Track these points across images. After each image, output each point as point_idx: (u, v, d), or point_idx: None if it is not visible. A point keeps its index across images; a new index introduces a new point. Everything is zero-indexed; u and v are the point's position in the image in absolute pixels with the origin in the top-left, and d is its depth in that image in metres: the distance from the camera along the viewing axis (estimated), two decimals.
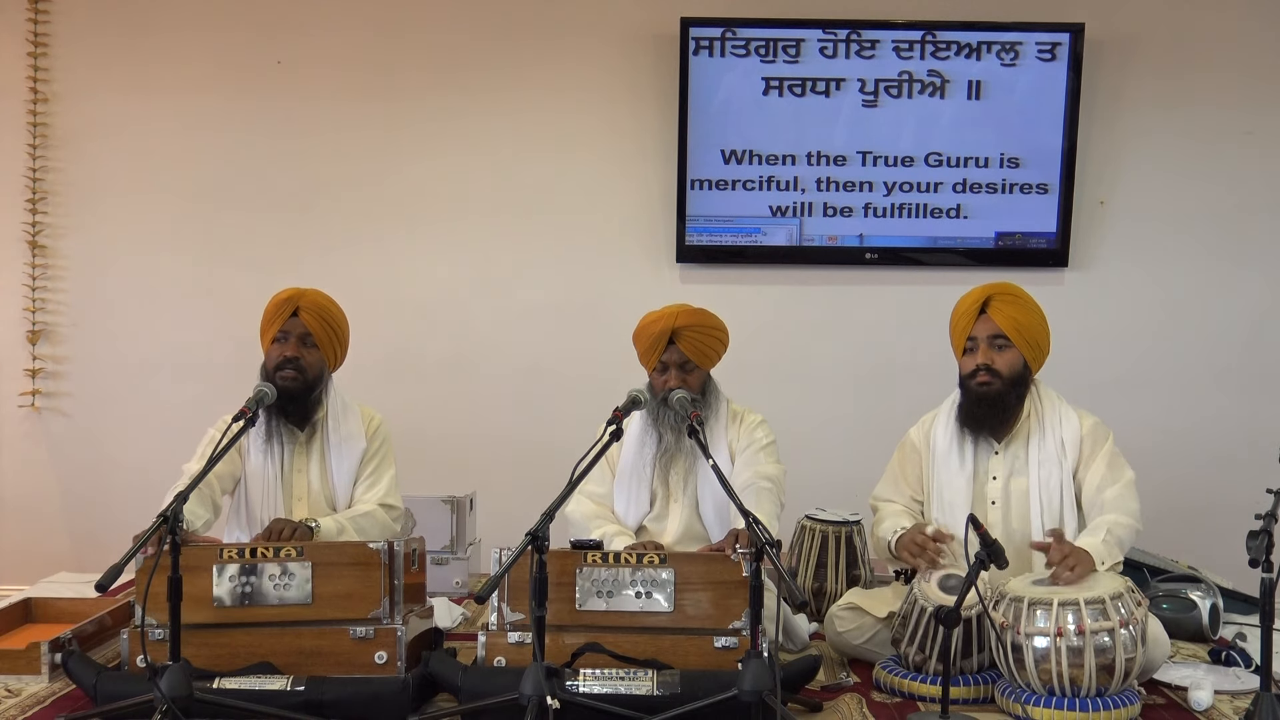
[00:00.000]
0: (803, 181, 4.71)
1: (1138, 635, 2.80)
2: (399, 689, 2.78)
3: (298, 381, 3.39)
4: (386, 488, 3.55)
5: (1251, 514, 2.61)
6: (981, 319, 3.27)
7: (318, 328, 3.42)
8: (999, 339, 3.24)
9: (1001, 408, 3.26)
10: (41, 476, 4.88)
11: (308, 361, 3.42)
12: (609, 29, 4.74)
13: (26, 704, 2.88)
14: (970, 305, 3.29)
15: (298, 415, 3.45)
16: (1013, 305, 3.26)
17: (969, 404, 3.30)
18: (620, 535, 3.39)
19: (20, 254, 4.81)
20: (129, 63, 4.77)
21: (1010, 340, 3.24)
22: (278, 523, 3.25)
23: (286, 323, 3.41)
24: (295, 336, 3.41)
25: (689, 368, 3.39)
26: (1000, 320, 3.24)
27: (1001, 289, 3.29)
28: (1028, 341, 3.25)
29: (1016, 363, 3.26)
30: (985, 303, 3.26)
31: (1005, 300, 3.26)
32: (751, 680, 2.50)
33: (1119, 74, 4.71)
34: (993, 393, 3.24)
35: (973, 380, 3.26)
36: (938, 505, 3.34)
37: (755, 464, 3.43)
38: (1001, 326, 3.24)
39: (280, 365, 3.38)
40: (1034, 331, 3.27)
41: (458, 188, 4.81)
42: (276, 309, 3.43)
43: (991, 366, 3.23)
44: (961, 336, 3.31)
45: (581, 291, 4.82)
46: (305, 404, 3.44)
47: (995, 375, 3.24)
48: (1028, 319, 3.26)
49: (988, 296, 3.27)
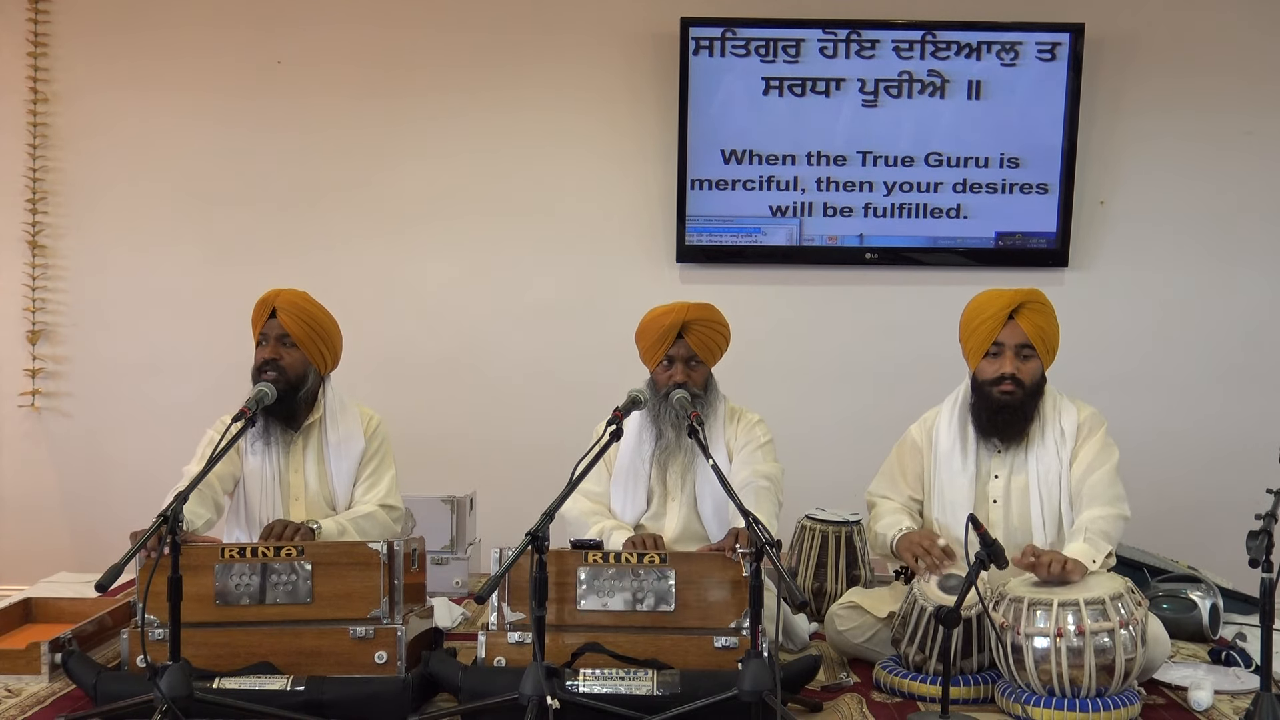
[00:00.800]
0: (803, 181, 4.71)
1: (1138, 635, 2.81)
2: (399, 689, 2.78)
3: (279, 383, 3.36)
4: (387, 488, 3.54)
5: (1251, 514, 2.61)
6: (1010, 325, 3.21)
7: (295, 327, 3.39)
8: (1026, 348, 3.21)
9: (1021, 417, 3.25)
10: (41, 476, 4.88)
11: (287, 362, 3.39)
12: (609, 29, 4.74)
13: (26, 704, 2.88)
14: (998, 311, 3.22)
15: (284, 415, 3.43)
16: (1040, 314, 3.23)
17: (988, 411, 3.26)
18: (618, 530, 3.38)
19: (20, 254, 4.81)
20: (129, 62, 4.77)
21: (1035, 351, 3.22)
22: (278, 524, 3.23)
23: (265, 324, 3.41)
24: (274, 338, 3.40)
25: (695, 363, 3.39)
26: (1029, 329, 3.20)
27: (1031, 297, 3.24)
28: (1049, 350, 3.25)
29: (1038, 372, 3.25)
30: (1015, 310, 3.21)
31: (1034, 309, 3.22)
32: (751, 680, 2.51)
33: (1119, 74, 4.71)
34: (1015, 402, 3.23)
35: (995, 388, 3.23)
36: (939, 504, 3.33)
37: (753, 463, 3.43)
38: (1030, 336, 3.20)
39: (261, 367, 3.38)
40: (1054, 340, 3.27)
41: (458, 187, 4.81)
42: (256, 312, 3.45)
43: (1017, 376, 3.21)
44: (984, 340, 3.24)
45: (581, 291, 4.82)
46: (291, 404, 3.41)
47: (1019, 385, 3.21)
48: (1051, 328, 3.25)
49: (1019, 304, 3.21)
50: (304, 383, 3.44)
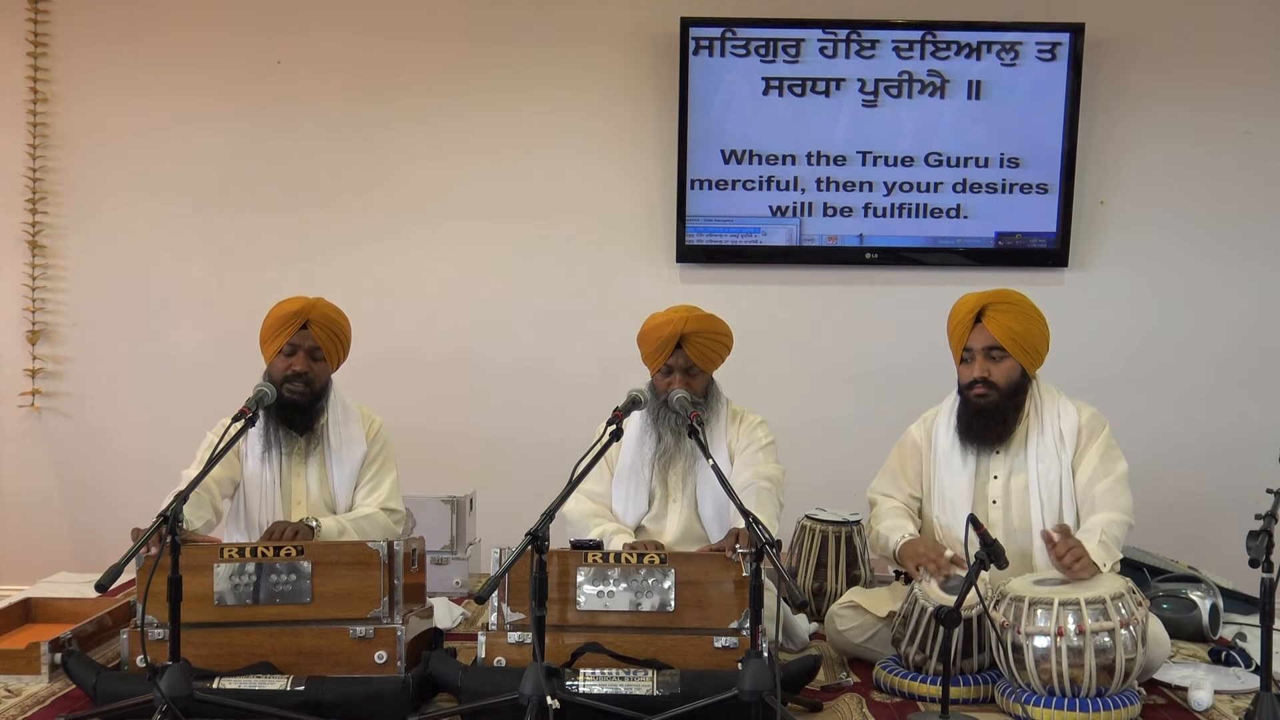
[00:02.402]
0: (803, 181, 4.71)
1: (1138, 635, 2.80)
2: (399, 689, 2.78)
3: (305, 395, 3.39)
4: (388, 491, 3.54)
5: (1251, 514, 2.61)
6: (977, 329, 3.22)
7: (326, 340, 3.41)
8: (995, 350, 3.20)
9: (999, 419, 3.24)
10: (41, 476, 4.87)
11: (315, 374, 3.41)
12: (609, 29, 4.74)
13: (26, 704, 2.88)
14: (965, 315, 3.23)
15: (302, 424, 3.44)
16: (1008, 314, 3.20)
17: (967, 415, 3.27)
18: (619, 533, 3.39)
19: (20, 254, 4.81)
20: (129, 63, 4.77)
21: (1007, 351, 3.20)
22: (278, 525, 3.23)
23: (296, 335, 3.37)
24: (304, 350, 3.38)
25: (694, 372, 3.39)
26: (996, 330, 3.19)
27: (996, 298, 3.23)
28: (1025, 349, 3.22)
29: (1013, 372, 3.23)
30: (980, 313, 3.21)
31: (1000, 310, 3.20)
32: (751, 680, 2.50)
33: (1119, 74, 4.71)
34: (989, 405, 3.23)
35: (970, 391, 3.24)
36: (939, 504, 3.33)
37: (755, 464, 3.43)
38: (997, 337, 3.19)
39: (289, 379, 3.36)
40: (1031, 338, 3.23)
41: (458, 188, 4.80)
42: (284, 320, 3.38)
43: (988, 379, 3.20)
44: (958, 346, 3.27)
45: (581, 291, 4.81)
46: (310, 414, 3.44)
47: (992, 387, 3.21)
48: (1023, 326, 3.21)
49: (982, 306, 3.21)
50: (326, 392, 3.45)
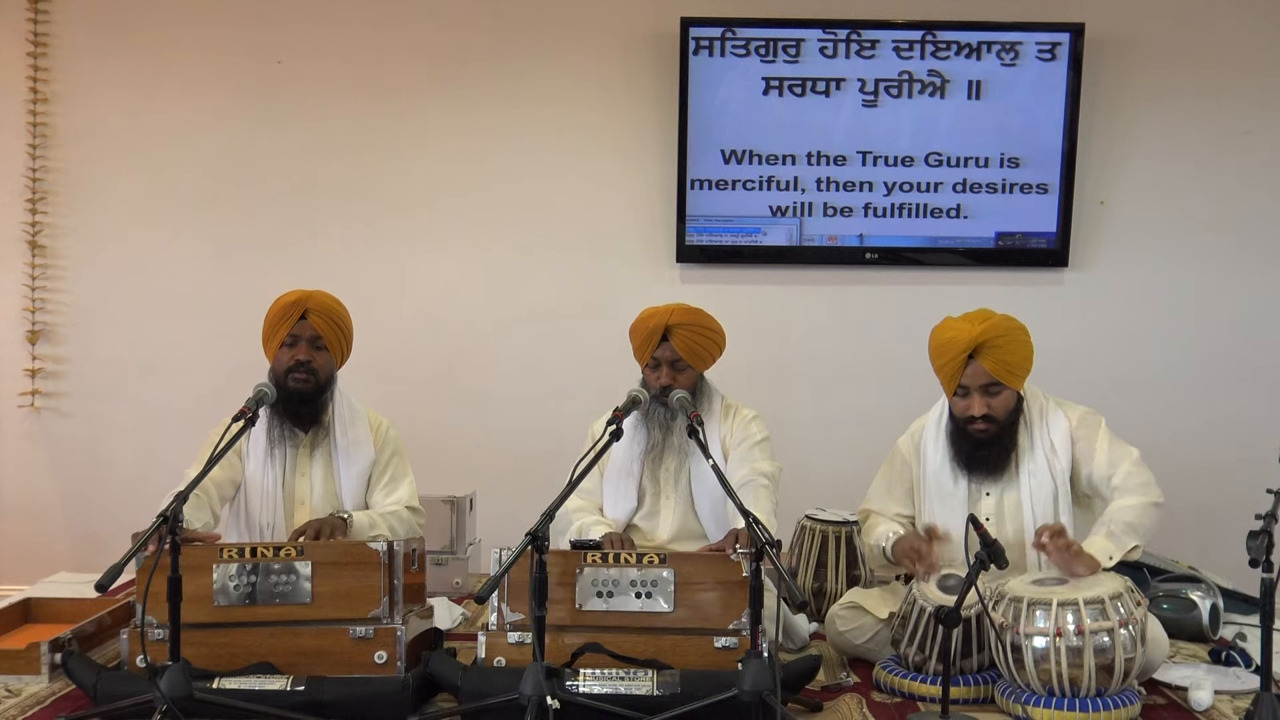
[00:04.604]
0: (803, 181, 4.71)
1: (1137, 635, 2.81)
2: (399, 689, 2.78)
3: (310, 385, 3.39)
4: (408, 492, 3.54)
5: (1251, 514, 2.61)
6: (971, 367, 3.14)
7: (327, 329, 3.41)
8: (992, 386, 3.15)
9: (1001, 448, 3.22)
10: (41, 476, 4.87)
11: (318, 364, 3.41)
12: (609, 29, 4.74)
13: (26, 704, 2.88)
14: (958, 355, 3.13)
15: (309, 417, 3.44)
16: (1000, 349, 3.12)
17: (967, 447, 3.23)
18: (598, 525, 3.38)
19: (20, 254, 4.81)
20: (129, 62, 4.77)
21: (1004, 384, 3.15)
22: (310, 525, 3.22)
23: (295, 326, 3.38)
24: (305, 340, 3.39)
25: (680, 366, 3.38)
26: (991, 367, 3.12)
27: (987, 334, 3.10)
28: (1019, 375, 3.18)
29: (1011, 400, 3.20)
30: (974, 352, 3.12)
31: (993, 347, 3.11)
32: (751, 680, 2.51)
33: (1119, 74, 4.70)
34: (991, 437, 3.21)
35: (970, 426, 3.20)
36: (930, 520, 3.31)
37: (751, 460, 3.42)
38: (994, 374, 3.13)
39: (292, 369, 3.37)
40: (1024, 362, 3.19)
41: (457, 187, 4.81)
42: (284, 312, 3.39)
43: (989, 415, 3.17)
44: (949, 380, 3.19)
45: (581, 291, 4.81)
46: (316, 405, 3.44)
47: (992, 421, 3.18)
48: (1016, 356, 3.15)
49: (976, 346, 3.11)
50: (331, 384, 3.45)
